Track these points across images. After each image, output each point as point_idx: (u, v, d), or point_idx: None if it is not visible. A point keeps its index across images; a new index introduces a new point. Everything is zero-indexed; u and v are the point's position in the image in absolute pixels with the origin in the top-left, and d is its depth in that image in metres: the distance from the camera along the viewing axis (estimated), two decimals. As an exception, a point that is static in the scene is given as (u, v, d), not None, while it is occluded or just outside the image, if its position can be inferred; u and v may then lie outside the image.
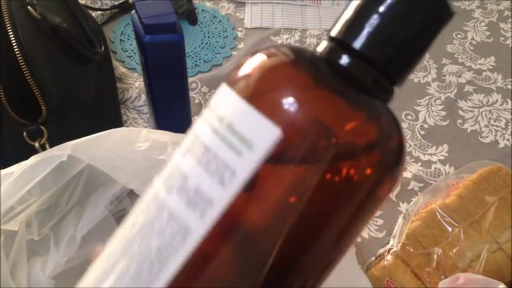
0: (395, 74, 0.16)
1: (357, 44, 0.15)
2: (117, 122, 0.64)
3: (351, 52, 0.16)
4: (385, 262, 0.48)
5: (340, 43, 0.16)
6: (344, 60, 0.16)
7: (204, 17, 0.81)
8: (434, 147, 0.64)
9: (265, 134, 0.14)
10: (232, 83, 0.16)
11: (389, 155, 0.16)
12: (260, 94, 0.15)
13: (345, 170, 0.15)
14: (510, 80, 0.73)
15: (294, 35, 0.78)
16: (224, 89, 0.16)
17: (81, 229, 0.45)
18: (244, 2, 0.84)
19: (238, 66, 0.17)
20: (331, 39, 0.17)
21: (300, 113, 0.14)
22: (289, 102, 0.14)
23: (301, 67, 0.16)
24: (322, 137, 0.14)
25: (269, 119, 0.14)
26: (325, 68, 0.16)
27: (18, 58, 0.50)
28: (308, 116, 0.14)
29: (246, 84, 0.15)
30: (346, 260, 0.43)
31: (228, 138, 0.15)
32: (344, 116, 0.15)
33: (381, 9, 0.15)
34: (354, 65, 0.16)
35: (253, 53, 0.17)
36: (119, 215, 0.49)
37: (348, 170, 0.15)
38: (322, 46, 0.17)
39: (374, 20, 0.15)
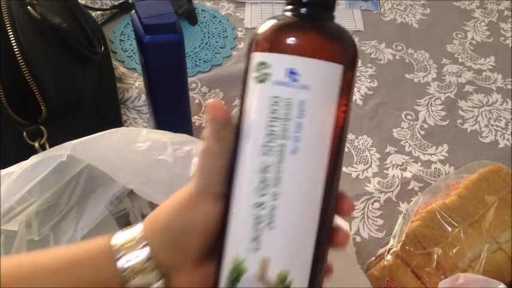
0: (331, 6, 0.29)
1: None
2: (117, 122, 0.64)
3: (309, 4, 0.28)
4: (385, 262, 0.48)
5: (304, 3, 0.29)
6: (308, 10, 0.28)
7: (204, 17, 0.81)
8: (434, 147, 0.64)
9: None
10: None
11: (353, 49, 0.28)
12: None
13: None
14: (510, 80, 0.73)
15: (294, 35, 0.78)
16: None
17: (81, 229, 0.45)
18: (244, 2, 0.84)
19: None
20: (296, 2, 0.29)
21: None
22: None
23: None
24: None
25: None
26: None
27: (18, 58, 0.50)
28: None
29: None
30: (346, 260, 0.43)
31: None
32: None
33: None
34: (314, 11, 0.28)
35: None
36: (118, 215, 0.49)
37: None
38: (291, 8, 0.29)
39: None
